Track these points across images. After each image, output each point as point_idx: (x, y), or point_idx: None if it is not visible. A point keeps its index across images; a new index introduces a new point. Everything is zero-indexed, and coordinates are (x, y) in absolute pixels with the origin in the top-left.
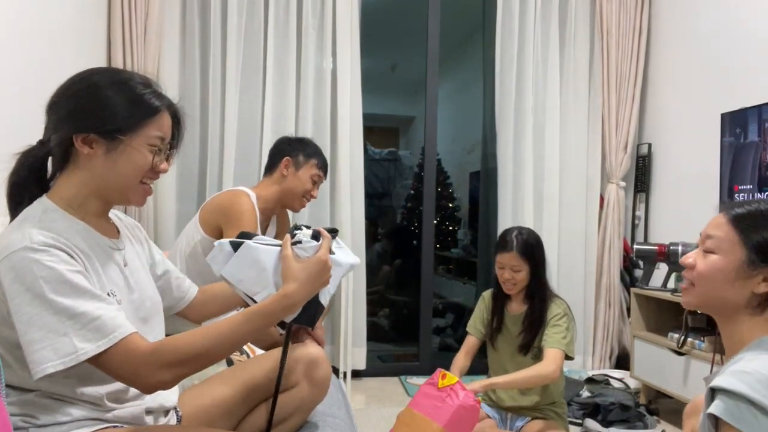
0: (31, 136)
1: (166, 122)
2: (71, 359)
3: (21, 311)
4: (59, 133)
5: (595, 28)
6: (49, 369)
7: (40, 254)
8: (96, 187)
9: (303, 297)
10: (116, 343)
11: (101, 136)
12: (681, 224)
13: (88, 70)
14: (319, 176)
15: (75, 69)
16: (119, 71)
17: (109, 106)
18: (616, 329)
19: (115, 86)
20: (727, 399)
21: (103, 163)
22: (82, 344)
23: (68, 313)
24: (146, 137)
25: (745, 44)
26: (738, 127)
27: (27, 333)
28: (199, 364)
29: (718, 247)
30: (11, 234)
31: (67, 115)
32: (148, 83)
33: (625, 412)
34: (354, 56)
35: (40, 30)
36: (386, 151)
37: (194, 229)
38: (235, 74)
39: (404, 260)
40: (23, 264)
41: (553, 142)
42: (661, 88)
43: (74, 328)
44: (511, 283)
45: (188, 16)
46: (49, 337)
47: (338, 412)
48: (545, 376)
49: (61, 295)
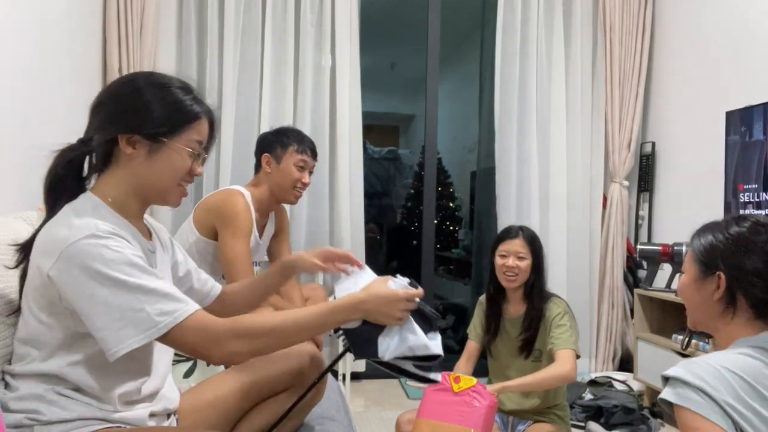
0: (24, 132)
1: (204, 127)
2: (153, 332)
3: (95, 294)
4: (104, 133)
5: (598, 25)
6: (133, 344)
7: (106, 240)
8: (136, 187)
9: (369, 310)
10: (191, 314)
11: (145, 137)
12: (685, 224)
13: (134, 73)
14: (303, 161)
15: (69, 68)
16: (163, 75)
17: (154, 109)
18: (620, 331)
19: (161, 90)
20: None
21: (144, 164)
22: (160, 317)
23: (142, 289)
24: (187, 141)
25: (750, 41)
26: (743, 125)
27: (103, 314)
28: (271, 341)
29: (684, 268)
30: (70, 223)
31: (112, 116)
32: (189, 89)
33: (628, 415)
34: (353, 53)
35: (33, 28)
36: (386, 150)
37: (189, 229)
38: (233, 72)
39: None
40: (91, 249)
41: (555, 141)
42: (665, 85)
43: (149, 303)
44: (514, 273)
45: (185, 12)
46: (128, 315)
47: (337, 415)
48: (562, 377)
49: (131, 276)
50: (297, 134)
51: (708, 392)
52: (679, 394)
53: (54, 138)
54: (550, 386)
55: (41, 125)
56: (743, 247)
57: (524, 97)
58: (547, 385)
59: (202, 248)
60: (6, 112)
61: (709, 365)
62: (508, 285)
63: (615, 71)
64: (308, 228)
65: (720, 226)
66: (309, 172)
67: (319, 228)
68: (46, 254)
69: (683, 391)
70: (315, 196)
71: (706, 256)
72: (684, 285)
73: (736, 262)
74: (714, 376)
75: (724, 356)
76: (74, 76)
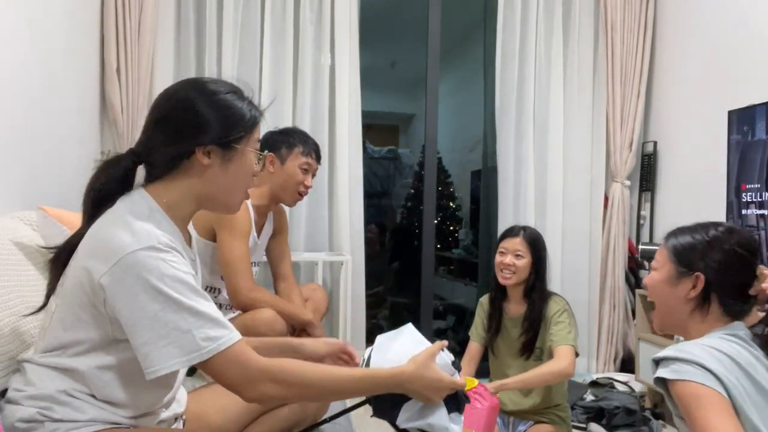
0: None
1: (260, 128)
2: (195, 356)
3: (145, 307)
4: (176, 147)
5: (599, 23)
6: (174, 366)
7: (165, 254)
8: (202, 194)
9: (412, 387)
10: (234, 343)
11: (219, 146)
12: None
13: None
14: (308, 164)
15: (67, 67)
16: (215, 81)
17: (224, 118)
18: (621, 331)
19: (222, 98)
20: (666, 363)
21: (219, 172)
22: (204, 342)
23: (191, 311)
24: (253, 143)
25: (752, 40)
26: (746, 124)
27: (149, 329)
28: (305, 393)
29: (657, 266)
30: (129, 227)
31: (184, 130)
32: (242, 93)
33: (630, 416)
34: (353, 52)
35: (31, 26)
36: (386, 150)
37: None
38: (231, 71)
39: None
40: (150, 261)
41: (556, 141)
42: (667, 84)
43: (196, 326)
44: (511, 271)
45: (183, 11)
46: (173, 334)
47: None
48: (559, 373)
49: (183, 295)
50: (303, 136)
51: (702, 363)
52: (675, 370)
53: (52, 137)
54: (548, 382)
55: (39, 124)
56: (720, 250)
57: (525, 97)
58: (544, 381)
59: (201, 249)
60: (3, 111)
61: (697, 345)
62: (504, 282)
63: (616, 70)
64: (307, 228)
65: (699, 229)
66: (312, 175)
67: (319, 228)
68: (100, 258)
69: (677, 366)
70: (314, 196)
71: (684, 256)
72: (655, 283)
73: (714, 264)
74: (704, 352)
75: (707, 340)
76: (72, 74)
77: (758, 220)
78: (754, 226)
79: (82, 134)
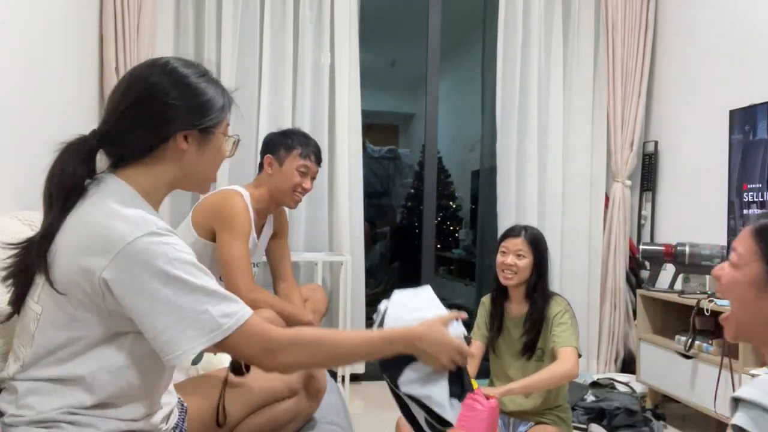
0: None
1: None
2: (217, 334)
3: (158, 293)
4: (153, 131)
5: (600, 23)
6: (197, 347)
7: (166, 238)
8: (176, 178)
9: (421, 349)
10: (250, 317)
11: (199, 131)
12: (688, 224)
13: (154, 66)
14: (306, 166)
15: (65, 64)
16: (184, 62)
17: (208, 101)
18: (622, 332)
19: (195, 82)
20: (749, 409)
21: (195, 156)
22: (223, 319)
23: (205, 291)
24: (224, 127)
25: (753, 39)
26: (747, 124)
27: (166, 314)
28: (319, 358)
29: (741, 261)
30: (121, 215)
31: (164, 114)
32: (210, 75)
33: (630, 417)
34: (352, 51)
35: (30, 26)
36: (386, 149)
37: (187, 231)
38: (230, 70)
39: (404, 261)
40: (154, 247)
41: (557, 140)
42: (668, 84)
43: (212, 304)
44: (512, 271)
45: (182, 9)
46: (191, 316)
47: (336, 418)
48: (564, 375)
49: (193, 276)
50: (302, 137)
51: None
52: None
53: (50, 137)
54: (553, 385)
55: (37, 124)
56: None
57: (526, 96)
58: (550, 385)
59: (200, 250)
60: (1, 111)
61: None
62: (505, 282)
63: (617, 69)
64: (307, 228)
65: None
66: (312, 178)
67: (318, 228)
68: (98, 252)
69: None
70: (314, 196)
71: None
72: (737, 283)
73: None
74: None
75: None
76: (71, 74)
77: None
78: None
79: (81, 132)
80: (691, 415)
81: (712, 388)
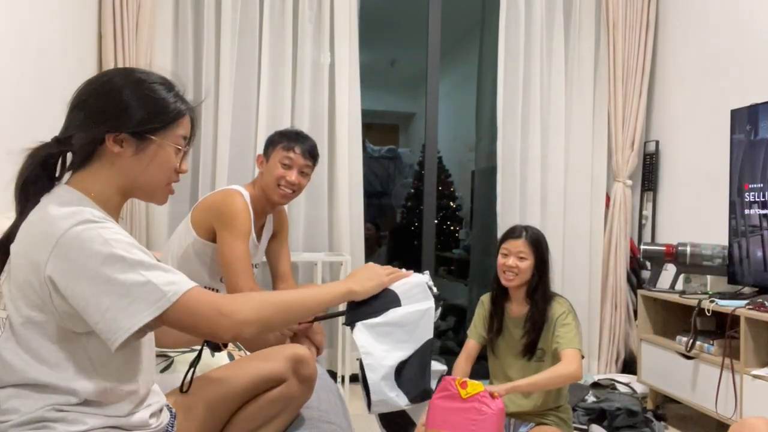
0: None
1: (188, 124)
2: (163, 302)
3: (97, 275)
4: (89, 132)
5: (600, 21)
6: (143, 319)
7: (102, 224)
8: (122, 185)
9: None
10: (194, 286)
11: (133, 135)
12: (689, 224)
13: (113, 70)
14: (289, 158)
15: (63, 64)
16: (143, 72)
17: (141, 107)
18: (623, 332)
19: (144, 87)
20: None
21: (132, 163)
22: (167, 287)
23: (144, 265)
24: (173, 138)
25: (756, 38)
26: (749, 123)
27: (107, 293)
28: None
29: None
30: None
31: (97, 115)
32: (171, 85)
33: (631, 418)
34: (352, 50)
35: (28, 24)
36: (385, 149)
37: (186, 231)
38: (229, 69)
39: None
40: (90, 233)
41: (558, 140)
42: (669, 83)
43: (153, 275)
44: (513, 273)
45: (181, 8)
46: (134, 290)
47: (336, 419)
48: (569, 376)
49: (130, 252)
50: (291, 133)
51: None
52: None
53: (48, 136)
54: (557, 385)
55: (34, 122)
56: None
57: (527, 95)
58: (554, 385)
59: (200, 250)
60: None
61: None
62: (507, 284)
63: (618, 68)
64: (306, 228)
65: None
66: (300, 172)
67: (318, 228)
68: (39, 248)
69: None
70: (313, 196)
71: None
72: None
73: None
74: None
75: None
76: (69, 72)
77: (761, 220)
78: (756, 226)
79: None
80: (692, 416)
81: (713, 389)
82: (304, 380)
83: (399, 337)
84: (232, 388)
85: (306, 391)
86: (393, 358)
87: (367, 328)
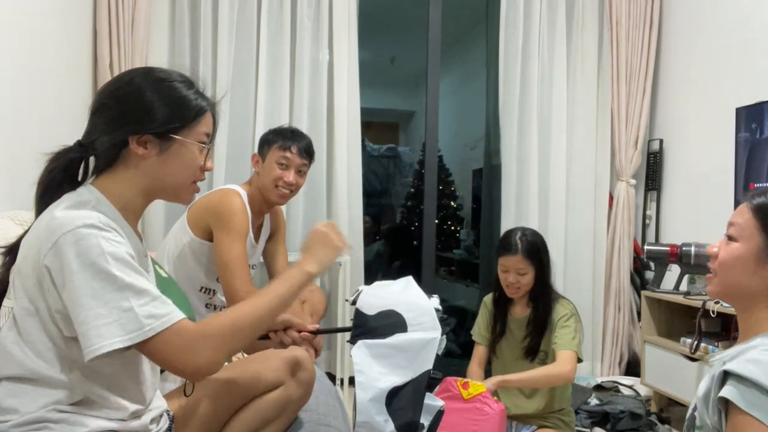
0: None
1: (210, 120)
2: (138, 335)
3: (86, 285)
4: (112, 135)
5: (604, 19)
6: (116, 344)
7: (105, 233)
8: (146, 187)
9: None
10: (177, 321)
11: (155, 136)
12: (694, 224)
13: (132, 70)
14: (285, 158)
15: (59, 63)
16: (163, 70)
17: (162, 107)
18: (626, 334)
19: (165, 87)
20: (741, 385)
21: (157, 164)
22: (147, 320)
23: (133, 289)
24: (196, 135)
25: (760, 35)
26: (754, 122)
27: (90, 307)
28: (237, 336)
29: (740, 235)
30: (68, 212)
31: (119, 118)
32: (191, 83)
33: (635, 421)
34: (351, 48)
35: (22, 22)
36: (385, 148)
37: (182, 230)
38: (227, 67)
39: (404, 261)
40: (90, 238)
41: (560, 139)
42: (673, 81)
43: (138, 304)
44: (516, 288)
45: (177, 5)
46: (115, 313)
47: (334, 422)
48: (559, 376)
49: (124, 273)
50: (286, 132)
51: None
52: (749, 400)
53: (44, 136)
54: (548, 384)
55: (31, 123)
56: None
57: (528, 94)
58: (544, 383)
59: (197, 249)
60: None
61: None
62: (511, 296)
63: (621, 67)
64: (305, 228)
65: None
66: (298, 171)
67: None
68: (42, 240)
69: (754, 396)
70: (312, 195)
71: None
72: (735, 254)
73: None
74: None
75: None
76: (64, 71)
77: None
78: None
79: (73, 131)
80: None
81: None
82: (303, 383)
83: (398, 362)
84: (230, 391)
85: (304, 394)
86: (388, 381)
87: (367, 346)
